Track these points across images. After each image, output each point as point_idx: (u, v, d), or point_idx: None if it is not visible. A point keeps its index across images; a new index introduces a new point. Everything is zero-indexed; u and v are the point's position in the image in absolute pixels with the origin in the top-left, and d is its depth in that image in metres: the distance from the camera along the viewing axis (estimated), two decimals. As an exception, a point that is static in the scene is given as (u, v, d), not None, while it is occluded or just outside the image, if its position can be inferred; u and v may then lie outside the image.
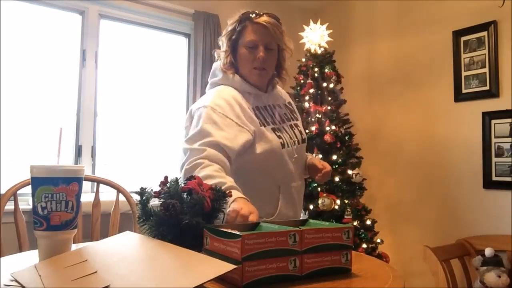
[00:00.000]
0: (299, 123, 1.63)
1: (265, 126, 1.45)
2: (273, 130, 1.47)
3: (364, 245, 2.76)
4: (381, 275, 0.90)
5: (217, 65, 1.56)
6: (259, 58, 1.45)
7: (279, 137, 1.45)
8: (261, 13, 1.50)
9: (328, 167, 1.57)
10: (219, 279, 0.78)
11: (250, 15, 1.48)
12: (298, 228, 0.85)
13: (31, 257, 1.02)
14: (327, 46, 3.01)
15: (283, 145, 1.45)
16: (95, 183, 1.91)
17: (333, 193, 2.75)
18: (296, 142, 1.53)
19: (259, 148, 1.40)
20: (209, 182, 1.13)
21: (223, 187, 1.05)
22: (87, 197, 2.04)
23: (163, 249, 0.84)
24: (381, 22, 3.39)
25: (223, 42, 1.52)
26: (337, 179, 2.79)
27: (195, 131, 1.36)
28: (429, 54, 3.04)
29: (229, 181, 1.22)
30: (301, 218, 1.26)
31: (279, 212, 1.45)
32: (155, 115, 3.04)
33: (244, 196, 1.18)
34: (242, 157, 1.38)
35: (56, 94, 2.64)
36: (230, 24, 1.52)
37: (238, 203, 1.11)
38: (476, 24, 2.75)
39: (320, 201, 2.67)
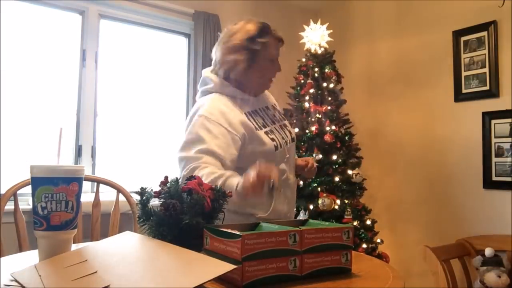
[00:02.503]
0: (287, 123, 1.69)
1: (259, 130, 1.48)
2: (266, 133, 1.50)
3: (364, 245, 2.76)
4: (381, 275, 0.90)
5: (207, 72, 1.59)
6: (278, 71, 1.57)
7: (272, 139, 1.49)
8: (273, 28, 1.56)
9: (310, 162, 1.65)
10: (219, 279, 0.78)
11: (271, 30, 1.54)
12: (298, 228, 0.85)
13: (31, 257, 1.02)
14: (327, 46, 3.01)
15: (276, 147, 1.49)
16: (95, 183, 1.91)
17: (333, 193, 2.75)
18: (287, 142, 1.58)
19: (254, 150, 1.44)
20: (211, 176, 1.20)
21: (224, 176, 1.18)
22: (87, 197, 2.04)
23: (163, 249, 0.84)
24: (381, 22, 3.39)
25: (236, 49, 1.49)
26: (337, 179, 2.79)
27: (189, 138, 1.39)
28: (429, 54, 3.04)
29: (229, 172, 1.28)
30: (301, 218, 1.26)
31: (273, 208, 1.47)
32: (155, 115, 3.04)
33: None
34: (238, 160, 1.41)
35: (56, 94, 2.64)
36: (244, 33, 1.50)
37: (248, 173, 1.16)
38: (476, 24, 2.75)
39: (320, 201, 2.67)
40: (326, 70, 2.97)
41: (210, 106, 1.45)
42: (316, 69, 2.97)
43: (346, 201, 2.77)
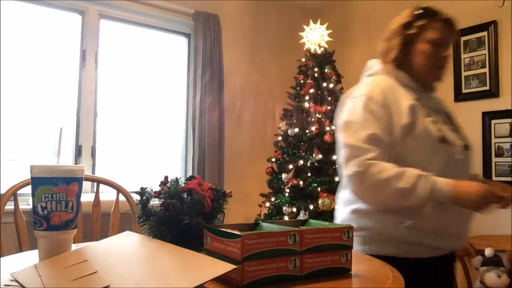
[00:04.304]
0: (461, 131, 1.55)
1: (426, 117, 1.35)
2: (434, 122, 1.36)
3: (364, 245, 2.75)
4: (381, 275, 0.90)
5: (372, 60, 1.55)
6: (445, 57, 1.46)
7: (438, 130, 1.35)
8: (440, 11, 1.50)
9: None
10: (219, 279, 0.78)
11: (434, 12, 1.49)
12: (298, 228, 0.85)
13: (31, 257, 1.02)
14: (327, 46, 3.01)
15: (442, 139, 1.34)
16: (95, 183, 1.91)
17: (333, 193, 2.74)
18: (459, 144, 1.43)
19: (415, 138, 1.31)
20: (403, 178, 1.20)
21: (419, 175, 1.20)
22: (87, 197, 2.04)
23: (163, 249, 0.84)
24: (381, 22, 3.38)
25: (392, 35, 1.51)
26: (337, 179, 2.79)
27: (352, 120, 1.32)
28: (429, 54, 3.03)
29: (415, 170, 1.23)
30: (301, 218, 1.26)
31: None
32: (155, 115, 3.04)
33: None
34: (398, 147, 1.31)
35: (56, 94, 2.64)
36: (403, 18, 1.52)
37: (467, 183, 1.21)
38: (476, 24, 2.75)
39: (320, 201, 2.67)
40: (326, 70, 2.97)
41: (374, 86, 1.37)
42: (316, 69, 2.96)
43: (346, 201, 2.76)
